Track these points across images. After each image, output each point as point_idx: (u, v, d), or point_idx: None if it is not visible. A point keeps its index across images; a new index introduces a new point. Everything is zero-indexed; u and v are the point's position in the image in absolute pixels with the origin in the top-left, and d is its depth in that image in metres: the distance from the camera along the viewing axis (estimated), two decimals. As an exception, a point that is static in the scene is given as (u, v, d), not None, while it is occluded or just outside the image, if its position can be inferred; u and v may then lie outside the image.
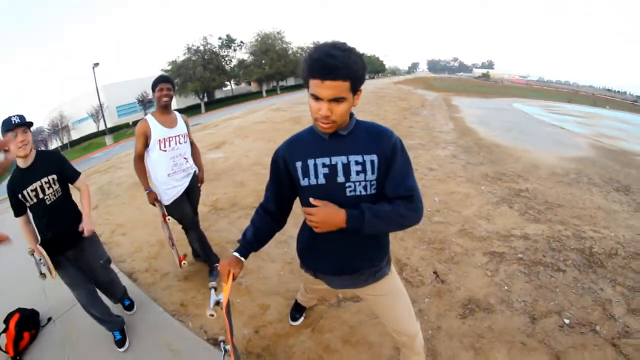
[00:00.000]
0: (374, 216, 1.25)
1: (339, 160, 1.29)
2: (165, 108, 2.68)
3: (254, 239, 1.48)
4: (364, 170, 1.28)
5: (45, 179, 2.11)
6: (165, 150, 2.65)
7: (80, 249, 2.28)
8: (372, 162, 1.28)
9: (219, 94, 47.40)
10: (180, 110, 2.94)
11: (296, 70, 43.84)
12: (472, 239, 3.50)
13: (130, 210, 5.14)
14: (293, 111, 14.81)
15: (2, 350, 2.45)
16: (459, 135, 8.71)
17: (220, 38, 39.96)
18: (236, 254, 1.44)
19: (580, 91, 62.33)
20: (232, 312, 1.50)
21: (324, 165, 1.31)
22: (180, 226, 2.97)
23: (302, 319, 2.47)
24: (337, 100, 1.15)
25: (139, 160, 2.73)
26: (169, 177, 2.69)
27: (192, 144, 3.01)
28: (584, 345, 2.19)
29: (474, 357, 2.14)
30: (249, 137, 9.69)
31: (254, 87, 51.29)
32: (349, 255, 1.44)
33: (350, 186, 1.29)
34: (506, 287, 2.76)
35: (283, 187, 1.45)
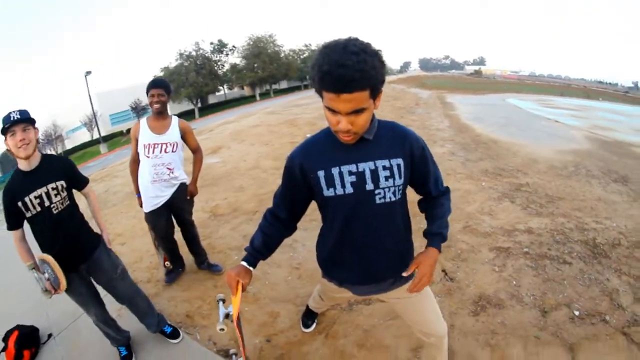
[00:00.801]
0: (446, 229, 1.40)
1: (366, 167, 1.20)
2: (158, 114, 2.63)
3: (263, 247, 1.39)
4: (392, 175, 1.21)
5: (52, 185, 1.85)
6: (148, 157, 2.61)
7: (94, 261, 2.05)
8: (398, 165, 1.22)
9: (212, 99, 47.31)
10: (173, 116, 2.88)
11: (289, 73, 43.81)
12: (477, 235, 3.48)
13: (127, 219, 5.07)
14: (288, 114, 14.87)
15: None
16: (456, 132, 8.69)
17: (212, 43, 39.88)
18: (244, 263, 1.36)
19: (572, 84, 62.99)
20: (241, 322, 1.45)
21: (350, 172, 1.21)
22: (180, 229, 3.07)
23: (314, 325, 2.40)
24: (357, 112, 1.04)
25: (133, 162, 2.77)
26: (151, 184, 2.65)
27: (196, 151, 2.98)
28: (596, 335, 2.19)
29: (491, 354, 2.12)
30: (245, 141, 9.68)
31: (247, 91, 51.15)
32: (376, 264, 1.36)
33: (379, 193, 1.22)
34: (515, 282, 2.75)
35: (297, 195, 1.36)
